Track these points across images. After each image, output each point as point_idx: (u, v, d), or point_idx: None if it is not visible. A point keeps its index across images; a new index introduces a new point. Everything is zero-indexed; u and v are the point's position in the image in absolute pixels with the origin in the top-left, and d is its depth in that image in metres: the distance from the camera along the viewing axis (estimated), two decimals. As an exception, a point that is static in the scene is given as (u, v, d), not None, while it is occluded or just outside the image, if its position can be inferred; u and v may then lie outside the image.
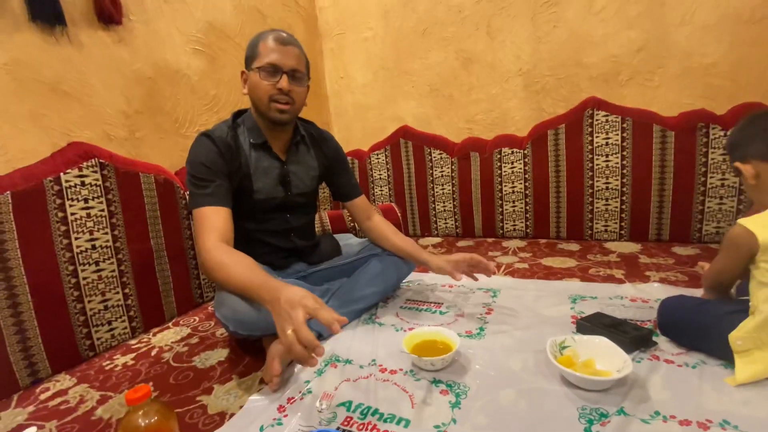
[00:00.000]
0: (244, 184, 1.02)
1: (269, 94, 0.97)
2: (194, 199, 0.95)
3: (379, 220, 1.25)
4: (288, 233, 1.13)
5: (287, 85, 0.97)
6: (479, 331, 1.01)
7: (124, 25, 1.28)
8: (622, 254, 1.53)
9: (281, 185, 1.07)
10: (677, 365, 0.79)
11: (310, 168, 1.14)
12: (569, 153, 1.73)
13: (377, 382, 0.83)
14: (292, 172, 1.10)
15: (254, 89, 0.99)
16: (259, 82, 0.97)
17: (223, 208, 0.94)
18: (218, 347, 1.09)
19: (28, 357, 0.99)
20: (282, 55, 0.97)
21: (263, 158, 1.05)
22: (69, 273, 1.06)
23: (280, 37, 0.98)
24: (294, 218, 1.13)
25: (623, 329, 0.89)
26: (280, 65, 0.97)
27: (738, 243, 0.76)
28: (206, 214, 0.92)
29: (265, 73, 0.97)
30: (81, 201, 1.08)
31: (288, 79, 0.97)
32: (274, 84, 0.97)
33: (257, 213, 1.06)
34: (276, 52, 0.97)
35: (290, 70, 0.98)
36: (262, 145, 1.05)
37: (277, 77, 0.97)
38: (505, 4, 1.81)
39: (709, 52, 1.54)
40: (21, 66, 1.05)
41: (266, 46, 0.97)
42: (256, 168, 1.04)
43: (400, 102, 2.14)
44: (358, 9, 2.12)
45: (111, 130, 1.25)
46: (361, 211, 1.24)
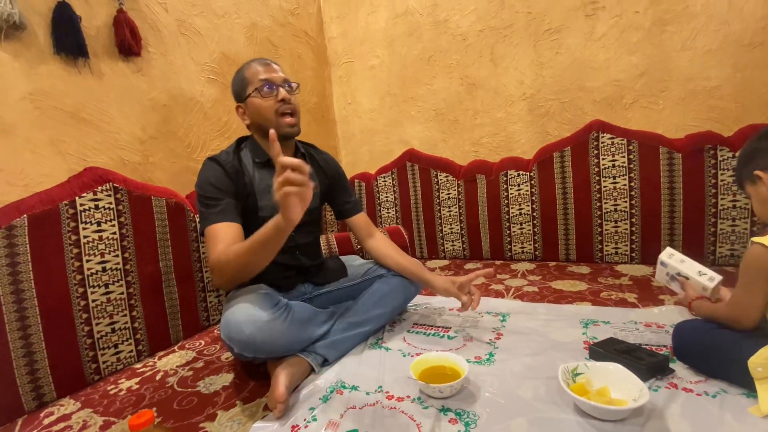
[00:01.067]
0: (249, 202, 1.05)
1: (274, 108, 1.02)
2: (205, 219, 0.98)
3: (380, 238, 1.25)
4: (293, 251, 1.14)
5: (287, 94, 1.03)
6: (488, 357, 0.99)
7: (143, 56, 1.34)
8: (634, 277, 1.50)
9: None
10: (696, 394, 0.76)
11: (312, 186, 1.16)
12: (576, 175, 1.73)
13: (384, 410, 0.81)
14: None
15: (258, 111, 1.04)
16: (261, 101, 1.03)
17: (233, 224, 0.97)
18: (223, 372, 1.08)
19: (34, 380, 0.98)
20: (270, 72, 1.04)
21: (267, 176, 1.09)
22: (79, 295, 1.07)
23: (262, 60, 1.06)
24: (299, 236, 1.14)
25: (638, 355, 0.86)
26: (273, 80, 1.03)
27: (761, 264, 0.71)
28: (216, 230, 0.95)
29: (264, 92, 1.02)
30: (94, 224, 1.10)
31: (285, 89, 1.03)
32: (275, 98, 1.02)
33: None
34: (264, 71, 1.03)
35: (283, 81, 1.04)
36: (266, 163, 1.09)
37: (275, 91, 1.02)
38: (507, 33, 1.86)
39: (712, 75, 1.56)
40: (44, 95, 1.10)
41: (254, 72, 1.04)
42: (260, 186, 1.07)
43: (406, 126, 2.18)
44: (365, 38, 2.20)
45: (126, 155, 1.29)
46: (361, 228, 1.25)
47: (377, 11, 2.14)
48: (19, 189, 1.05)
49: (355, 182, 2.28)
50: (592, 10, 1.69)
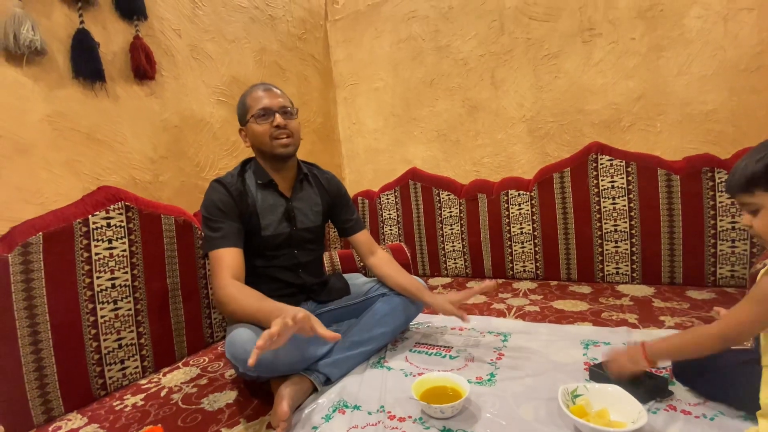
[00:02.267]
0: (252, 222, 1.09)
1: (269, 133, 1.08)
2: (209, 243, 1.03)
3: (382, 257, 1.26)
4: (296, 269, 1.17)
5: (282, 120, 1.08)
6: (490, 378, 1.00)
7: (157, 79, 1.40)
8: (635, 297, 1.51)
9: (287, 221, 1.14)
10: (695, 416, 0.77)
11: (314, 204, 1.21)
12: (575, 195, 1.75)
13: (386, 430, 0.82)
14: (296, 208, 1.17)
15: (255, 136, 1.10)
16: (257, 127, 1.08)
17: (235, 249, 1.02)
18: (227, 389, 1.09)
19: (44, 395, 1.00)
20: (269, 99, 1.09)
21: (269, 197, 1.13)
22: (88, 311, 1.09)
23: (263, 86, 1.12)
24: (301, 254, 1.18)
25: (638, 378, 0.87)
26: (270, 106, 1.08)
27: None
28: (220, 256, 1.00)
29: (260, 118, 1.08)
30: (105, 242, 1.14)
31: (280, 116, 1.08)
32: (270, 124, 1.08)
33: (266, 249, 1.12)
34: (263, 98, 1.09)
35: (280, 108, 1.09)
36: (268, 184, 1.13)
37: (271, 117, 1.08)
38: (507, 57, 1.92)
39: (709, 99, 1.60)
40: (62, 117, 1.15)
41: (254, 98, 1.10)
42: (263, 206, 1.12)
43: (409, 146, 2.22)
44: (369, 62, 2.27)
45: (137, 174, 1.34)
46: (363, 246, 1.27)
47: (382, 36, 2.21)
48: (36, 207, 1.08)
49: (359, 200, 2.32)
50: (589, 37, 1.75)
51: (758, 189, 0.70)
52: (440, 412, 0.83)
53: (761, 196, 0.71)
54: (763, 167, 0.69)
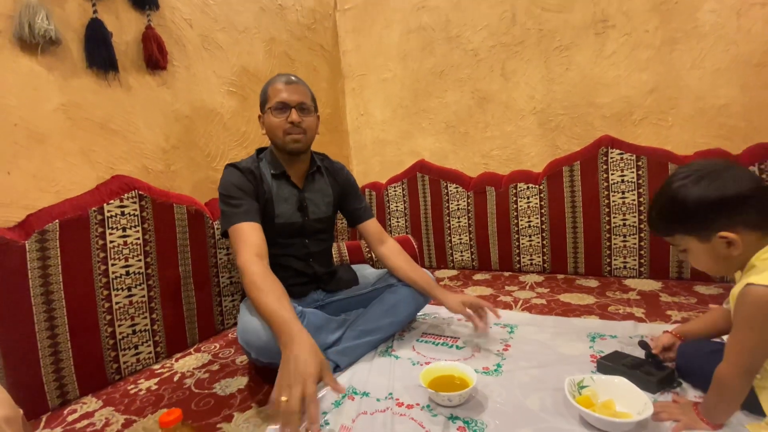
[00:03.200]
0: (267, 209, 1.12)
1: (283, 128, 1.09)
2: (228, 218, 1.03)
3: (392, 246, 1.26)
4: (307, 258, 1.19)
5: (297, 117, 1.09)
6: (497, 368, 1.01)
7: (168, 69, 1.41)
8: (642, 292, 1.51)
9: (299, 211, 1.16)
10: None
11: (325, 195, 1.23)
12: (585, 189, 1.75)
13: (394, 417, 0.84)
14: (308, 199, 1.18)
15: (270, 127, 1.11)
16: (273, 119, 1.09)
17: (256, 224, 1.03)
18: (238, 375, 1.12)
19: (59, 378, 1.03)
20: (288, 93, 1.09)
21: (283, 186, 1.15)
22: (103, 297, 1.12)
23: (285, 78, 1.11)
24: (312, 243, 1.20)
25: (646, 369, 0.88)
26: (288, 101, 1.08)
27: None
28: (243, 230, 1.00)
29: (276, 111, 1.09)
30: (120, 230, 1.16)
31: (297, 112, 1.09)
32: (285, 119, 1.08)
33: (278, 237, 1.14)
34: (283, 91, 1.09)
35: (297, 104, 1.09)
36: (281, 174, 1.15)
37: (287, 112, 1.08)
38: (518, 49, 1.90)
39: (721, 94, 1.58)
40: (76, 107, 1.17)
41: (274, 89, 1.10)
42: (277, 195, 1.13)
43: (418, 138, 2.22)
44: (378, 52, 2.26)
45: (149, 163, 1.35)
46: (373, 234, 1.27)
47: (391, 26, 2.20)
48: (51, 195, 1.10)
49: (366, 191, 2.32)
50: (603, 29, 1.73)
51: (677, 233, 0.74)
52: (448, 400, 0.84)
53: (682, 238, 0.74)
54: (674, 214, 0.73)
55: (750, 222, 0.68)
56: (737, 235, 0.68)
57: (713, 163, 0.72)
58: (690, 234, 0.72)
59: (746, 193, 0.67)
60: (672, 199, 0.72)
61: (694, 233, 0.72)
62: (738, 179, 0.68)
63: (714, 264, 0.74)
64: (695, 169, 0.71)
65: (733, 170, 0.69)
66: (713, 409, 0.72)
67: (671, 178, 0.74)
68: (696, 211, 0.69)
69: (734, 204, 0.67)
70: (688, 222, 0.71)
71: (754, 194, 0.67)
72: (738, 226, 0.68)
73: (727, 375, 0.68)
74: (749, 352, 0.66)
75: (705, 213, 0.69)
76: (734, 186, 0.67)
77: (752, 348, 0.66)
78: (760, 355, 0.66)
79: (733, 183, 0.67)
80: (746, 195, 0.67)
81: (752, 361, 0.67)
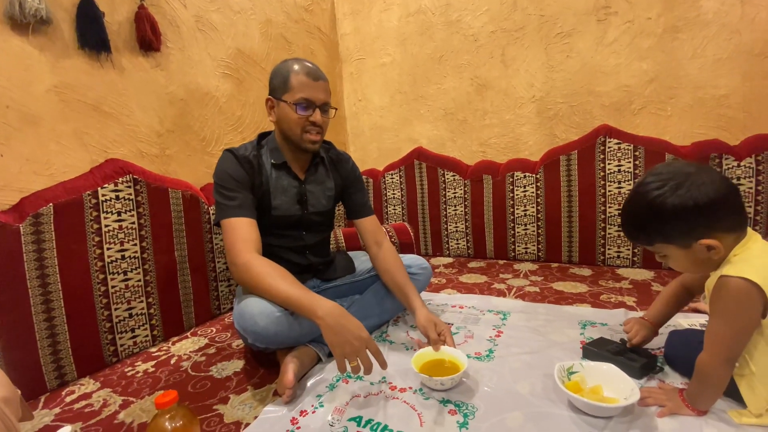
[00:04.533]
0: (263, 200, 1.08)
1: (302, 126, 1.03)
2: (223, 211, 1.00)
3: (387, 249, 1.19)
4: (303, 250, 1.17)
5: (320, 118, 1.03)
6: (488, 353, 1.03)
7: (162, 51, 1.38)
8: (635, 281, 1.53)
9: (298, 203, 1.13)
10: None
11: (327, 188, 1.19)
12: (581, 179, 1.75)
13: (387, 400, 0.86)
14: (309, 192, 1.14)
15: (285, 120, 1.04)
16: (292, 114, 1.02)
17: (250, 220, 1.00)
18: (234, 358, 1.13)
19: (57, 360, 1.04)
20: (315, 91, 1.02)
21: (283, 177, 1.11)
22: (99, 281, 1.12)
23: (312, 72, 1.03)
24: (309, 236, 1.17)
25: (630, 356, 0.90)
26: (314, 100, 1.02)
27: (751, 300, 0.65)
28: (237, 225, 0.98)
29: (300, 108, 1.01)
30: (114, 214, 1.16)
31: (321, 113, 1.03)
32: (307, 117, 1.02)
33: (275, 229, 1.11)
34: (309, 87, 1.01)
35: (322, 104, 1.04)
36: (282, 165, 1.11)
37: (310, 111, 1.02)
38: (519, 35, 1.87)
39: (722, 84, 1.57)
40: (68, 89, 1.15)
41: (299, 80, 1.01)
42: (275, 186, 1.09)
43: (415, 124, 2.20)
44: (377, 36, 2.22)
45: (144, 147, 1.34)
46: (369, 232, 1.22)
47: (390, 9, 2.16)
48: (45, 179, 1.10)
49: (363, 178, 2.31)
50: (605, 15, 1.70)
51: (656, 242, 0.74)
52: (440, 384, 0.86)
53: (662, 246, 0.74)
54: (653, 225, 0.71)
55: (726, 225, 0.69)
56: (717, 240, 0.68)
57: (683, 168, 0.70)
58: (670, 243, 0.72)
59: (722, 199, 0.67)
60: (650, 210, 0.70)
61: (674, 242, 0.72)
62: (713, 184, 0.67)
63: (694, 266, 0.75)
64: (668, 177, 0.70)
65: (705, 174, 0.68)
66: (697, 396, 0.74)
67: (644, 187, 0.72)
68: (676, 221, 0.69)
69: (713, 211, 0.67)
70: (669, 232, 0.71)
71: (728, 198, 0.68)
72: (717, 232, 0.68)
73: (708, 364, 0.70)
74: (727, 342, 0.68)
75: (685, 222, 0.68)
76: (712, 193, 0.66)
77: (730, 338, 0.68)
78: (737, 344, 0.68)
79: (709, 189, 0.66)
80: (722, 200, 0.67)
81: (730, 350, 0.69)
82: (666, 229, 0.71)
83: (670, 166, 0.72)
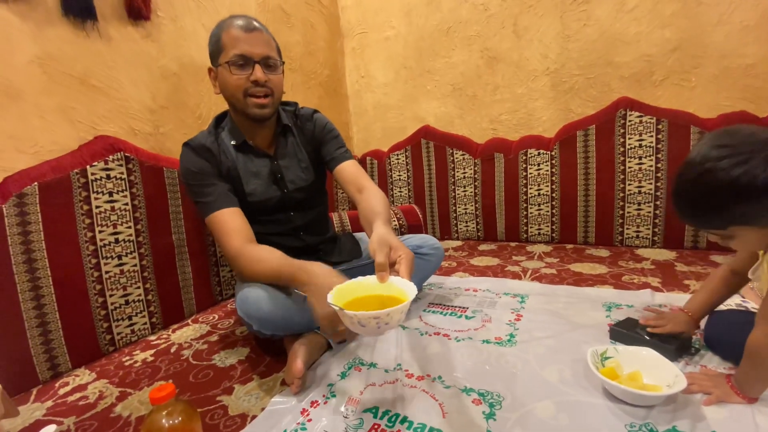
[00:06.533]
0: (235, 188, 0.99)
1: (243, 88, 0.91)
2: (202, 208, 0.95)
3: (369, 191, 0.97)
4: (296, 232, 1.08)
5: (263, 75, 0.91)
6: (510, 338, 0.96)
7: (152, 21, 1.28)
8: (657, 261, 1.46)
9: (274, 184, 1.02)
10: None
11: (300, 160, 1.07)
12: (599, 155, 1.66)
13: (404, 389, 0.79)
14: (284, 167, 1.04)
15: (226, 86, 0.93)
16: (230, 76, 0.91)
17: (234, 209, 0.94)
18: (238, 346, 1.07)
19: (48, 350, 0.98)
20: (250, 44, 0.89)
21: (250, 159, 1.01)
22: (92, 266, 1.05)
23: (244, 24, 0.91)
24: (298, 216, 1.07)
25: (663, 337, 0.84)
26: (250, 55, 0.90)
27: None
28: (221, 219, 0.92)
29: (235, 67, 0.90)
30: (106, 194, 1.08)
31: (262, 68, 0.91)
32: (247, 77, 0.91)
33: (258, 215, 1.01)
34: (242, 41, 0.89)
35: (262, 58, 0.91)
36: (245, 145, 1.00)
37: (249, 69, 0.90)
38: (532, 3, 1.76)
39: (749, 52, 1.47)
40: (52, 59, 1.05)
41: (231, 36, 0.90)
42: (245, 170, 1.00)
43: (422, 102, 2.10)
44: (380, 8, 2.10)
45: (136, 124, 1.25)
46: (350, 180, 1.02)
47: (394, -21, 2.03)
48: (29, 157, 1.01)
49: (367, 159, 2.23)
50: (626, -21, 1.59)
51: (734, 224, 0.63)
52: (358, 323, 0.57)
53: (736, 228, 0.63)
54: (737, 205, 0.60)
55: None
56: None
57: (758, 136, 0.59)
58: (749, 224, 0.62)
59: None
60: (732, 189, 0.59)
61: (756, 222, 0.61)
62: None
63: (759, 246, 0.67)
64: (746, 149, 0.58)
65: None
66: (747, 382, 0.67)
67: (715, 163, 0.59)
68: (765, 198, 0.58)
69: None
70: (754, 213, 0.60)
71: None
72: None
73: (761, 344, 0.64)
74: None
75: None
76: None
77: None
78: None
79: None
80: None
81: None
82: (752, 210, 0.60)
83: (736, 135, 0.60)
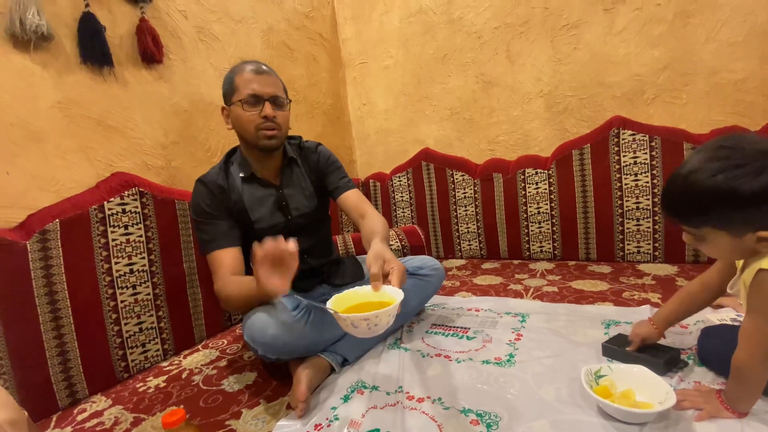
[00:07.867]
0: (242, 218, 1.06)
1: (255, 123, 1.00)
2: (203, 246, 1.03)
3: (370, 217, 1.06)
4: (300, 255, 1.11)
5: (272, 111, 1.00)
6: (509, 358, 0.99)
7: (164, 63, 1.38)
8: (658, 276, 1.47)
9: (279, 211, 1.10)
10: (725, 397, 0.74)
11: (305, 188, 1.14)
12: (596, 173, 1.70)
13: (405, 410, 0.82)
14: (288, 195, 1.11)
15: (239, 122, 1.02)
16: (243, 113, 1.00)
17: (229, 249, 1.01)
18: (246, 371, 1.10)
19: (68, 378, 1.03)
20: (260, 84, 1.00)
21: (256, 189, 1.08)
22: (108, 296, 1.11)
23: (255, 68, 1.02)
24: (303, 240, 1.09)
25: (652, 352, 0.86)
26: (261, 94, 1.00)
27: None
28: (216, 258, 1.01)
29: (247, 105, 1.00)
30: (122, 227, 1.14)
31: (271, 105, 1.01)
32: (258, 113, 1.00)
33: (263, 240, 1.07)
34: (254, 82, 1.00)
35: (271, 97, 1.01)
36: (252, 177, 1.08)
37: (260, 106, 1.00)
38: (523, 29, 1.84)
39: (738, 68, 1.51)
40: (72, 104, 1.14)
41: (243, 79, 1.01)
42: (250, 200, 1.07)
43: (421, 126, 2.17)
44: (379, 39, 2.20)
45: (149, 160, 1.33)
46: (353, 208, 1.11)
47: (391, 11, 2.14)
48: (51, 195, 1.09)
49: (370, 182, 2.29)
50: (612, 4, 1.66)
51: (706, 226, 0.65)
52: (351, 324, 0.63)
53: (710, 231, 0.65)
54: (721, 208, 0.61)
55: None
56: None
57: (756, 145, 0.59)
58: (723, 229, 0.63)
59: None
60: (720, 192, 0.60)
61: (730, 229, 0.63)
62: None
63: (731, 255, 0.70)
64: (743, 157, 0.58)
65: None
66: (735, 398, 0.69)
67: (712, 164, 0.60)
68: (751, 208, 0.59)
69: None
70: (732, 218, 0.61)
71: None
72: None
73: (746, 363, 0.66)
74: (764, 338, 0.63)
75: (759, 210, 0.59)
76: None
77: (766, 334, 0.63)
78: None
79: None
80: None
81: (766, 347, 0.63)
82: (732, 216, 0.61)
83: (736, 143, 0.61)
